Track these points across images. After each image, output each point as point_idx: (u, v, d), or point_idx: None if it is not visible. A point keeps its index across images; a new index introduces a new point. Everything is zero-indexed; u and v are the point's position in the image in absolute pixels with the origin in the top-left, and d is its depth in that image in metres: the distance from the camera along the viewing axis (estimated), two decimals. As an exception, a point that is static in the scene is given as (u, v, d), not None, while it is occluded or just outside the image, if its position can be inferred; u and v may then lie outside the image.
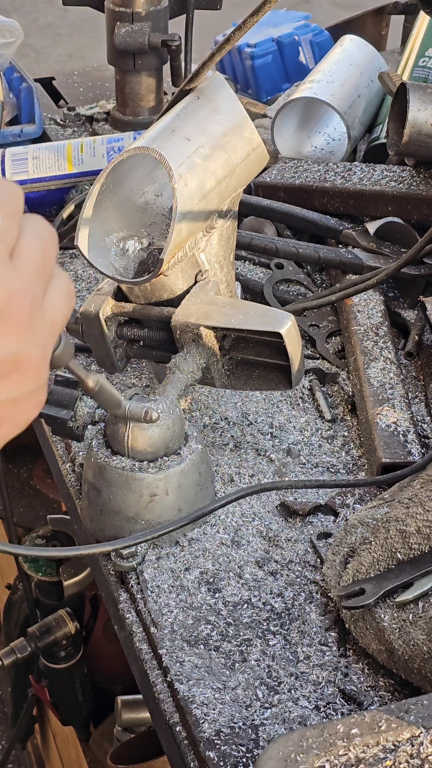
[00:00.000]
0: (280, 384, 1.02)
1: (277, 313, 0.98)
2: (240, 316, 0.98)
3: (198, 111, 1.02)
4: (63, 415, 0.98)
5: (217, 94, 1.04)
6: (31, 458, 2.08)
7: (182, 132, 1.00)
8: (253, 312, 0.98)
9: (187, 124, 1.01)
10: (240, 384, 1.03)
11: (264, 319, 0.97)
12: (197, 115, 1.02)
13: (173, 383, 0.97)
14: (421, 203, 1.32)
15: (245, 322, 0.97)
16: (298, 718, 0.80)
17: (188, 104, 1.03)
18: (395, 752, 0.69)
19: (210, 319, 0.98)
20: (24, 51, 1.94)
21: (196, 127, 1.01)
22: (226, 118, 1.03)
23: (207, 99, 1.04)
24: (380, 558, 0.87)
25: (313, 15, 1.96)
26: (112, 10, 1.57)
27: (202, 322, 0.97)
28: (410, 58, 1.56)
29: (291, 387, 1.01)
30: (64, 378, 0.99)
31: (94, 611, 1.73)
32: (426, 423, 1.10)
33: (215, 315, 0.98)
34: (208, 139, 1.01)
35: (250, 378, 1.03)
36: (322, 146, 1.50)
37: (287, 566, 0.94)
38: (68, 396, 0.98)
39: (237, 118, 1.04)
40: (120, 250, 1.02)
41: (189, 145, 0.99)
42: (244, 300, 1.03)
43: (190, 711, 0.80)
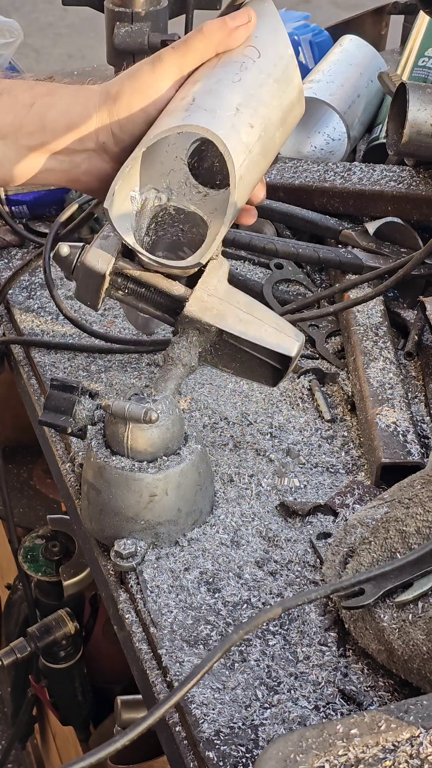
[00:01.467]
0: (264, 380, 1.00)
1: (290, 332, 0.96)
2: (255, 326, 0.95)
3: (261, 79, 0.92)
4: (62, 422, 0.98)
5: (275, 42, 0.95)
6: (31, 458, 2.08)
7: (246, 114, 0.90)
8: (268, 326, 0.95)
9: (252, 103, 0.91)
10: (222, 364, 1.00)
11: (278, 337, 0.95)
12: (262, 89, 0.92)
13: (173, 378, 0.95)
14: (420, 203, 1.33)
15: (259, 336, 0.95)
16: (297, 718, 0.80)
17: (249, 66, 0.93)
18: (395, 752, 0.69)
19: (224, 321, 0.95)
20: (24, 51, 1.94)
21: (260, 108, 0.92)
22: (286, 85, 0.94)
23: (268, 58, 0.93)
24: (380, 558, 0.87)
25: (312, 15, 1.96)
26: (112, 10, 1.57)
27: (216, 323, 0.94)
28: (410, 58, 1.56)
29: (273, 386, 1.00)
30: (59, 382, 0.99)
31: (93, 611, 1.73)
32: (425, 423, 1.10)
33: (230, 318, 0.95)
34: (271, 122, 0.93)
35: (234, 361, 0.99)
36: (321, 146, 1.50)
37: (287, 566, 0.94)
38: (66, 401, 0.98)
39: (293, 78, 0.95)
40: (139, 208, 0.94)
41: (252, 134, 0.91)
42: (258, 302, 0.98)
43: (189, 711, 0.80)
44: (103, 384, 1.17)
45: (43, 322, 1.29)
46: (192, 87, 0.91)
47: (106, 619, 1.70)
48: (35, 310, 1.31)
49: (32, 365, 1.23)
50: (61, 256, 0.95)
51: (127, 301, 0.98)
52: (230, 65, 0.92)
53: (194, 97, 0.90)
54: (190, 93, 0.91)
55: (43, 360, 1.22)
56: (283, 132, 0.96)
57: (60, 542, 1.70)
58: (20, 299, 1.33)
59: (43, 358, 1.23)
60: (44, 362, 1.22)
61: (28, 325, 1.29)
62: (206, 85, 0.91)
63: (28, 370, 1.24)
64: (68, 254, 0.95)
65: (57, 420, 0.98)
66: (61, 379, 0.99)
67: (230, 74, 0.92)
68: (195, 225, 0.96)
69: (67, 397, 0.98)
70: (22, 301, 1.33)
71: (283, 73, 0.94)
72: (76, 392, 0.98)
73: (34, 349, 1.24)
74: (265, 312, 0.97)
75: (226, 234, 0.93)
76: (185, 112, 0.88)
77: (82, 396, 0.98)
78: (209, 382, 1.18)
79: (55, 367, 1.21)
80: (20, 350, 1.27)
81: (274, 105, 0.93)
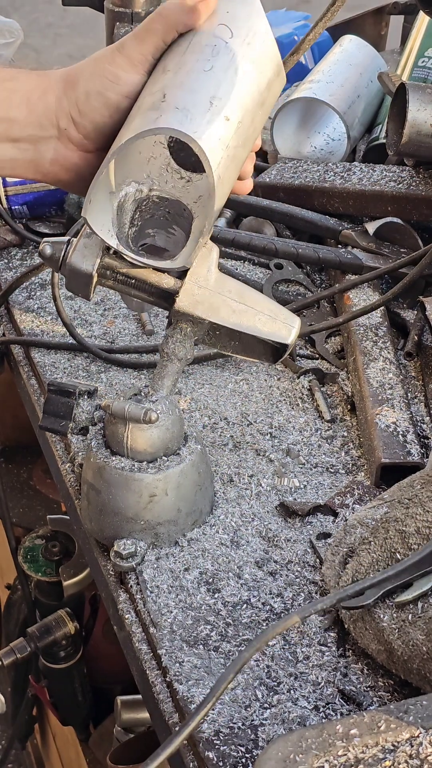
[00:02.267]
0: (264, 357, 0.97)
1: (286, 317, 0.94)
2: (248, 315, 0.92)
3: (235, 64, 0.87)
4: (62, 427, 0.98)
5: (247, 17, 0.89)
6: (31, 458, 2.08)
7: (220, 105, 0.85)
8: (262, 314, 0.93)
9: (227, 92, 0.86)
10: (220, 345, 0.98)
11: (272, 325, 0.93)
12: (236, 74, 0.87)
13: (169, 374, 0.94)
14: (420, 203, 1.32)
15: (253, 326, 0.93)
16: (297, 718, 0.80)
17: (221, 49, 0.87)
18: (394, 753, 0.69)
19: (217, 314, 0.92)
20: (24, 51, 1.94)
21: (236, 96, 0.86)
22: (263, 64, 0.89)
23: (240, 37, 0.88)
24: (380, 558, 0.87)
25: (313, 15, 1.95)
26: (112, 10, 1.57)
27: (208, 317, 0.92)
28: (410, 59, 1.56)
29: (274, 363, 0.97)
30: (56, 387, 0.98)
31: (93, 611, 1.73)
32: (425, 423, 1.10)
33: (223, 310, 0.92)
34: (249, 107, 0.87)
35: (232, 340, 0.97)
36: (321, 146, 1.50)
37: (286, 566, 0.94)
38: (64, 405, 0.97)
39: (270, 54, 0.90)
40: (119, 203, 0.89)
41: (229, 126, 0.85)
42: (249, 288, 0.95)
43: (189, 711, 0.80)
44: (103, 384, 1.17)
45: (43, 322, 1.29)
46: (162, 77, 0.87)
47: (106, 619, 1.70)
48: (35, 311, 1.31)
49: (32, 365, 1.23)
50: (45, 256, 0.93)
51: (119, 290, 0.96)
52: (201, 50, 0.87)
53: (164, 92, 0.85)
54: (160, 85, 0.86)
55: (43, 360, 1.22)
56: (264, 111, 0.91)
57: (60, 542, 1.70)
58: (20, 299, 1.33)
59: (43, 358, 1.23)
60: (44, 362, 1.22)
61: (28, 326, 1.29)
62: (177, 77, 0.86)
63: (28, 371, 1.24)
64: (52, 254, 0.93)
65: (57, 425, 0.98)
66: (57, 383, 0.99)
67: (201, 62, 0.86)
68: (182, 207, 0.92)
69: (65, 402, 0.97)
70: (22, 301, 1.33)
71: (258, 50, 0.89)
72: (73, 396, 0.97)
73: (34, 349, 1.24)
74: (258, 299, 0.94)
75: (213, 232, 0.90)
76: (156, 111, 0.84)
77: (80, 398, 0.98)
78: (209, 382, 1.18)
79: (55, 367, 1.21)
80: (20, 350, 1.27)
81: (251, 88, 0.88)
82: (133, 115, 0.87)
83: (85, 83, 0.89)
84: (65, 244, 0.92)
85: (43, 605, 1.72)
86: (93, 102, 0.88)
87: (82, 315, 1.30)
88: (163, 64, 0.88)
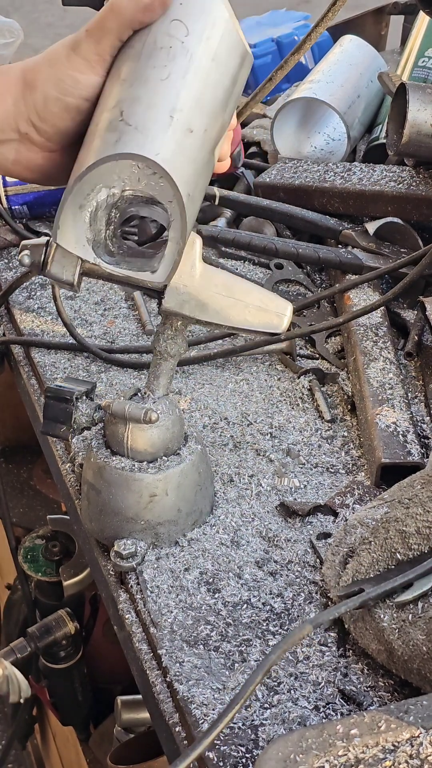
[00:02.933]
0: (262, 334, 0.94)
1: (275, 306, 0.91)
2: (238, 309, 0.90)
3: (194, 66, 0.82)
4: (62, 432, 0.97)
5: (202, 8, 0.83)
6: (31, 458, 2.08)
7: (182, 117, 0.80)
8: (251, 306, 0.91)
9: (187, 100, 0.81)
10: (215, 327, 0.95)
11: (263, 316, 0.91)
12: (196, 77, 0.82)
13: (164, 373, 0.94)
14: (420, 203, 1.33)
15: (243, 320, 0.91)
16: (297, 718, 0.80)
17: (177, 51, 0.82)
18: (395, 753, 0.69)
19: (204, 313, 0.90)
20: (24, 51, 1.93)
21: (197, 102, 0.81)
22: (226, 58, 0.84)
23: (196, 33, 0.82)
24: (380, 558, 0.87)
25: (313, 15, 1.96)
26: (112, 10, 1.57)
27: (196, 315, 0.90)
28: (410, 59, 1.56)
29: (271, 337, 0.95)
30: (54, 393, 0.98)
31: (93, 611, 1.73)
32: (425, 423, 1.10)
33: (210, 307, 0.90)
34: (215, 109, 0.83)
35: None
36: (321, 146, 1.50)
37: (287, 566, 0.94)
38: (63, 411, 0.97)
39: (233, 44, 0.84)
40: (91, 214, 0.83)
41: (194, 138, 0.81)
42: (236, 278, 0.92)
43: (189, 711, 0.80)
44: (103, 384, 1.17)
45: (43, 322, 1.29)
46: (119, 88, 0.82)
47: (106, 619, 1.70)
48: (35, 310, 1.31)
49: (32, 365, 1.23)
50: (26, 265, 0.89)
51: (107, 281, 0.94)
52: (156, 54, 0.81)
53: (121, 108, 0.80)
54: (116, 99, 0.81)
55: (43, 360, 1.22)
56: (233, 103, 0.87)
57: (60, 542, 1.71)
58: (20, 299, 1.33)
59: (43, 358, 1.23)
60: (44, 362, 1.22)
61: (28, 325, 1.29)
62: (133, 89, 0.81)
63: (28, 370, 1.24)
64: (31, 263, 0.88)
65: (58, 430, 0.98)
66: (54, 389, 0.98)
67: (157, 69, 0.81)
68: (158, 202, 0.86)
69: (64, 408, 0.97)
70: (22, 301, 1.33)
71: (218, 44, 0.83)
72: (71, 402, 0.97)
73: (34, 349, 1.24)
74: (246, 289, 0.91)
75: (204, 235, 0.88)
76: (114, 133, 0.79)
77: (78, 402, 0.98)
78: (209, 382, 1.18)
79: (55, 367, 1.21)
80: (20, 350, 1.27)
81: (215, 90, 0.83)
82: (92, 132, 0.83)
83: (43, 87, 0.85)
84: (44, 247, 0.88)
85: (43, 605, 1.72)
86: (52, 107, 0.85)
87: (82, 315, 1.30)
88: (118, 68, 0.84)
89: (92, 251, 0.85)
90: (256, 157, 1.59)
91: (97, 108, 0.84)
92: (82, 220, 0.83)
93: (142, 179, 0.82)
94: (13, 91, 0.87)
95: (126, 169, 0.81)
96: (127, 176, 0.81)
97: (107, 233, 0.86)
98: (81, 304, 1.32)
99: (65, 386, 0.98)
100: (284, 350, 1.21)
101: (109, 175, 0.81)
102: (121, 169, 0.81)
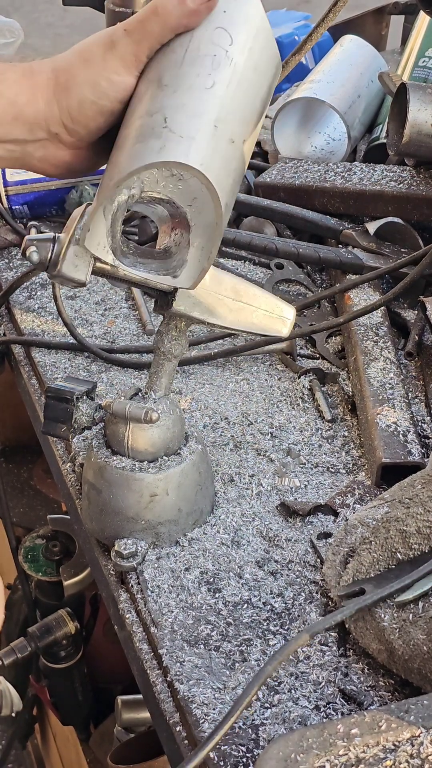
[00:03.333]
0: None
1: (281, 311, 0.93)
2: (245, 313, 0.92)
3: (238, 76, 0.82)
4: (63, 432, 0.97)
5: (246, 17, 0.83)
6: (31, 458, 2.08)
7: (225, 128, 0.81)
8: (258, 310, 0.92)
9: (231, 111, 0.81)
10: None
11: (268, 321, 0.92)
12: (240, 88, 0.82)
13: (166, 373, 0.94)
14: (421, 203, 1.33)
15: (250, 323, 0.92)
16: (298, 718, 0.80)
17: (222, 60, 0.81)
18: (395, 752, 0.69)
19: (213, 316, 0.91)
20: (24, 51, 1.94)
21: (240, 113, 0.82)
22: (265, 68, 0.84)
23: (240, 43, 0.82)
24: (380, 558, 0.87)
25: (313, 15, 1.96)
26: (112, 10, 1.57)
27: (206, 318, 0.91)
28: (410, 58, 1.56)
29: None
30: (54, 393, 0.98)
31: (94, 611, 1.73)
32: (426, 423, 1.10)
33: (219, 310, 0.91)
34: (253, 119, 0.84)
35: None
36: (322, 146, 1.50)
37: (287, 566, 0.94)
38: (63, 411, 0.97)
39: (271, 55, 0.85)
40: (113, 215, 0.84)
41: (234, 148, 0.82)
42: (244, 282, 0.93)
43: (190, 711, 0.80)
44: (104, 384, 1.17)
45: (43, 322, 1.29)
46: (160, 93, 0.82)
47: (107, 619, 1.70)
48: (36, 310, 1.31)
49: (33, 365, 1.23)
50: (34, 262, 0.87)
51: (113, 283, 0.94)
52: (200, 62, 0.82)
53: (165, 114, 0.80)
54: (158, 104, 0.81)
55: (44, 360, 1.22)
56: (265, 108, 0.87)
57: (60, 542, 1.71)
58: (21, 299, 1.33)
59: (44, 358, 1.23)
60: (44, 362, 1.22)
61: (29, 325, 1.29)
62: (177, 96, 0.81)
63: (28, 370, 1.24)
64: (40, 260, 0.87)
65: (58, 430, 0.98)
66: (54, 389, 0.98)
67: (202, 77, 0.81)
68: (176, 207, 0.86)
69: (64, 407, 0.97)
70: (22, 301, 1.33)
71: (259, 55, 0.84)
72: (71, 402, 0.97)
73: (34, 349, 1.24)
74: (253, 294, 0.92)
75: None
76: (159, 140, 0.79)
77: (78, 402, 0.98)
78: (210, 382, 1.18)
79: (55, 367, 1.21)
80: (21, 350, 1.27)
81: (254, 101, 0.84)
82: (130, 136, 0.82)
83: (79, 90, 0.84)
84: (50, 243, 0.87)
85: (43, 605, 1.72)
86: (87, 111, 0.85)
87: (83, 315, 1.30)
88: (158, 72, 0.83)
89: (112, 253, 0.85)
90: (257, 156, 1.59)
91: (133, 110, 0.83)
92: (105, 223, 0.83)
93: (161, 181, 0.82)
94: (45, 91, 0.86)
95: (147, 172, 0.81)
96: (147, 178, 0.81)
97: (120, 234, 0.86)
98: (81, 304, 1.32)
99: (66, 386, 0.99)
100: (285, 350, 1.21)
101: (132, 178, 0.81)
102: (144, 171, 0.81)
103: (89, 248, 0.84)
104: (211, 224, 0.83)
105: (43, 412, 0.99)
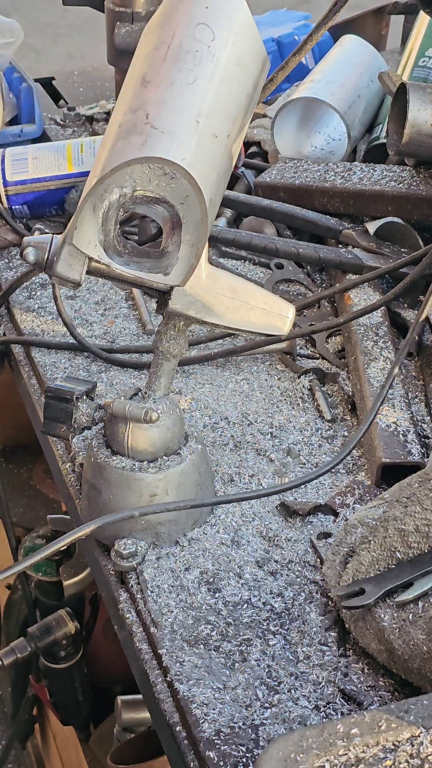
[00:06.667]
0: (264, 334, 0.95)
1: (279, 309, 0.92)
2: (242, 311, 0.91)
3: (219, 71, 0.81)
4: (63, 432, 0.97)
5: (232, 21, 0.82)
6: (31, 458, 2.08)
7: (207, 123, 0.80)
8: (256, 309, 0.91)
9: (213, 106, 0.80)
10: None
11: (267, 318, 0.92)
12: (222, 83, 0.81)
13: (165, 373, 0.94)
14: (421, 203, 1.32)
15: (248, 322, 0.92)
16: (298, 717, 0.80)
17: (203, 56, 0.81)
18: (395, 752, 0.69)
19: (210, 315, 0.91)
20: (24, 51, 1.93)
21: (222, 108, 0.81)
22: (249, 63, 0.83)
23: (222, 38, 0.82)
24: (380, 557, 0.87)
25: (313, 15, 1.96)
26: (112, 10, 1.57)
27: (202, 317, 0.91)
28: (410, 58, 1.56)
29: None
30: (54, 393, 0.98)
31: (94, 611, 1.73)
32: (426, 423, 1.10)
33: (217, 308, 0.90)
34: (238, 114, 0.83)
35: None
36: (322, 146, 1.50)
37: (287, 566, 0.94)
38: (63, 411, 0.97)
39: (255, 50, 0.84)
40: (103, 214, 0.84)
41: (218, 143, 0.81)
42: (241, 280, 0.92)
43: (190, 711, 0.80)
44: (104, 384, 1.17)
45: (43, 322, 1.29)
46: (141, 90, 0.81)
47: (107, 619, 1.70)
48: (36, 310, 1.31)
49: (32, 365, 1.23)
50: (30, 262, 0.88)
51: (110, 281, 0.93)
52: (181, 58, 0.81)
53: (147, 111, 0.80)
54: (140, 101, 0.81)
55: (44, 360, 1.22)
56: (253, 105, 0.87)
57: (60, 542, 1.70)
58: (21, 299, 1.33)
59: (44, 358, 1.23)
60: (44, 362, 1.22)
61: (29, 325, 1.29)
62: (159, 92, 0.80)
63: (28, 370, 1.24)
64: (36, 260, 0.87)
65: (58, 430, 0.98)
66: (54, 389, 0.98)
67: (183, 73, 0.81)
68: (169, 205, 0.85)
69: (64, 407, 0.97)
70: (22, 301, 1.33)
71: (243, 50, 0.83)
72: (71, 402, 0.97)
73: (34, 349, 1.24)
74: (251, 291, 0.92)
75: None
76: (140, 136, 0.79)
77: (78, 402, 0.98)
78: (210, 381, 1.18)
79: (55, 367, 1.21)
80: (20, 350, 1.27)
81: (238, 96, 0.83)
82: (113, 133, 0.82)
83: None
84: (48, 245, 0.88)
85: (43, 605, 1.72)
86: None
87: (83, 315, 1.30)
88: (141, 69, 0.83)
89: (104, 251, 0.85)
90: (257, 156, 1.59)
91: (118, 107, 0.83)
92: (95, 221, 0.83)
93: (153, 179, 0.82)
94: None
95: (138, 170, 0.81)
96: (139, 176, 0.81)
97: (115, 233, 0.86)
98: (81, 304, 1.32)
99: (65, 386, 0.99)
100: (285, 350, 1.21)
101: (122, 176, 0.81)
102: (134, 169, 0.81)
103: (78, 245, 0.84)
104: (197, 220, 0.83)
105: (43, 412, 0.99)
